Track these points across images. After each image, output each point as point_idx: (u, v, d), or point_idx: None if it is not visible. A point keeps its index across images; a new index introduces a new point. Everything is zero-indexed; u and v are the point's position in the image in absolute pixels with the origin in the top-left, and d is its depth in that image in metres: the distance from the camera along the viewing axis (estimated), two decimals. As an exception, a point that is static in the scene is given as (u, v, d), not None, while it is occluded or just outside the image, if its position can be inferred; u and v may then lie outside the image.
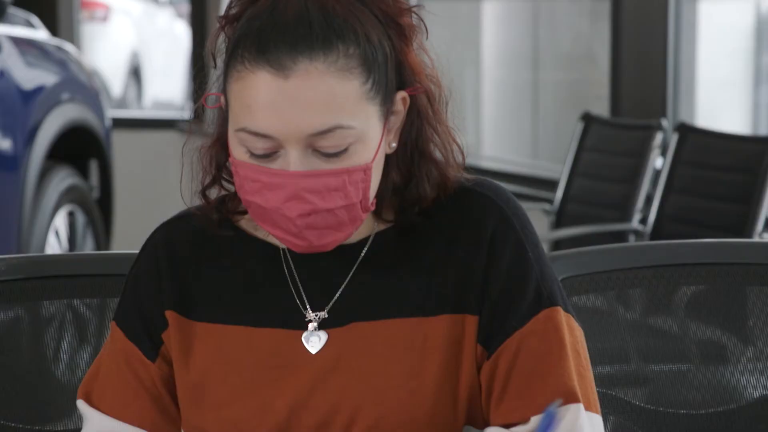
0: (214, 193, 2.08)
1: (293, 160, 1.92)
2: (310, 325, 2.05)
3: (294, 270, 2.07)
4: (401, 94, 1.99)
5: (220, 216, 2.07)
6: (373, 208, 1.99)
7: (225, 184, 2.07)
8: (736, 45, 6.79)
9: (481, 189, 2.07)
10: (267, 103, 1.91)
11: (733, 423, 2.42)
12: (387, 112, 1.97)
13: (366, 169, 1.95)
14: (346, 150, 1.93)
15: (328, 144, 1.92)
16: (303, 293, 2.06)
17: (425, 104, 2.02)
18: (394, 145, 2.00)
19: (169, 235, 2.11)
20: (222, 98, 1.99)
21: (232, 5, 2.00)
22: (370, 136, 1.95)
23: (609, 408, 2.34)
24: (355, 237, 2.04)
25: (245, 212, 2.05)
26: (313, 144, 1.92)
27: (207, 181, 2.07)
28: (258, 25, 1.93)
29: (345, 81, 1.92)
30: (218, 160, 2.05)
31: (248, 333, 2.05)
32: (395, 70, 1.99)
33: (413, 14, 2.01)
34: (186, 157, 2.06)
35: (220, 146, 2.05)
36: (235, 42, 1.94)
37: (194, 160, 2.07)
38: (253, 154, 1.93)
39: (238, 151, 1.95)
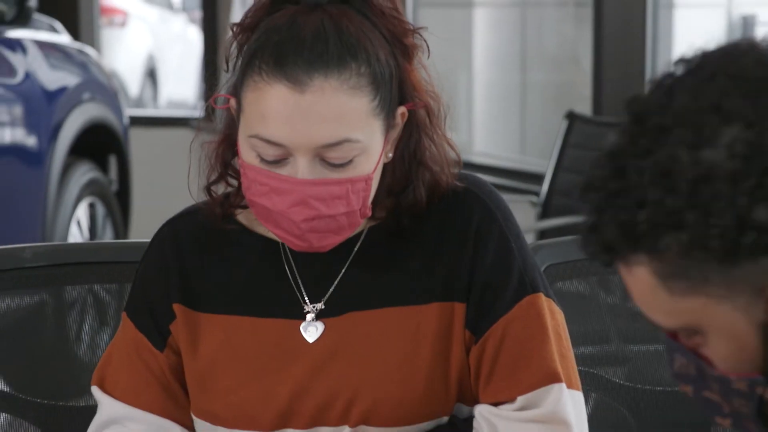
0: (219, 189, 2.08)
1: (302, 168, 1.92)
2: (308, 316, 2.05)
3: (293, 264, 2.07)
4: (401, 109, 2.00)
5: (223, 211, 2.07)
6: (369, 213, 1.99)
7: (229, 180, 2.08)
8: (708, 46, 6.78)
9: (467, 185, 2.07)
10: (282, 115, 1.91)
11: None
12: (389, 126, 1.98)
13: (367, 179, 1.96)
14: (351, 161, 1.93)
15: (335, 155, 1.92)
16: (301, 286, 2.06)
17: (424, 118, 2.03)
18: (390, 155, 2.01)
19: (175, 231, 2.11)
20: (232, 101, 1.99)
21: (248, 15, 2.00)
22: (373, 149, 1.96)
23: (590, 386, 2.34)
24: None
25: (246, 207, 2.05)
26: (321, 154, 1.92)
27: (213, 177, 2.07)
28: (277, 39, 1.93)
29: (355, 98, 1.92)
30: (224, 158, 2.05)
31: (251, 323, 2.05)
32: (397, 87, 1.99)
33: (416, 35, 2.02)
34: (194, 153, 2.07)
35: (226, 145, 2.05)
36: (252, 52, 1.94)
37: (202, 156, 2.07)
38: (263, 160, 1.93)
39: (248, 156, 1.95)
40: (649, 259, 1.32)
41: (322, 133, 1.91)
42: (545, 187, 5.95)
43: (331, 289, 2.05)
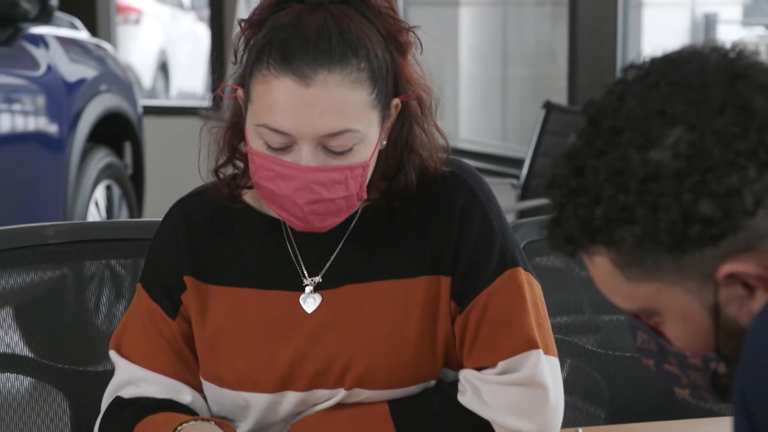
0: (226, 171, 2.09)
1: (305, 155, 1.92)
2: (307, 289, 2.05)
3: (293, 241, 2.07)
4: (395, 101, 2.00)
5: (230, 191, 2.07)
6: (365, 197, 2.00)
7: (236, 162, 2.08)
8: (674, 43, 6.77)
9: (453, 169, 2.07)
10: (288, 107, 1.91)
11: (670, 365, 2.43)
12: (384, 116, 1.98)
13: (365, 166, 1.96)
14: (351, 149, 1.94)
15: (336, 144, 1.92)
16: (301, 261, 2.06)
17: (416, 108, 2.03)
18: (384, 142, 2.01)
19: (185, 210, 2.11)
20: (240, 91, 1.99)
21: (255, 12, 2.00)
22: (370, 138, 1.96)
23: (566, 352, 2.34)
24: None
25: (251, 188, 2.05)
26: (323, 143, 1.92)
27: (221, 161, 2.07)
28: (283, 36, 1.93)
29: (356, 91, 1.92)
30: (232, 142, 2.06)
31: (255, 295, 2.05)
32: (393, 80, 1.99)
33: (410, 32, 2.02)
34: (203, 139, 2.07)
35: (234, 131, 2.05)
36: (260, 48, 1.94)
37: (210, 142, 2.07)
38: (269, 147, 1.93)
39: (256, 143, 1.95)
40: (606, 249, 1.34)
41: (324, 124, 1.91)
42: (524, 171, 5.94)
43: (328, 264, 2.06)
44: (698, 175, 1.28)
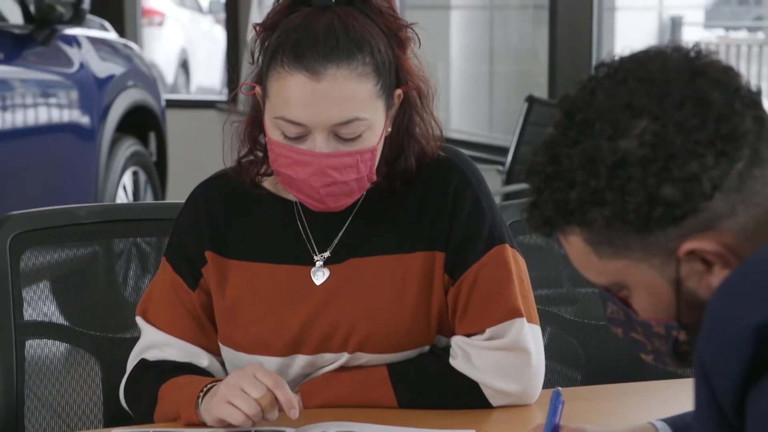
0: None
1: (319, 143, 1.92)
2: (317, 263, 2.05)
3: (304, 220, 2.07)
4: (398, 91, 2.00)
5: (251, 178, 2.08)
6: (375, 178, 2.00)
7: (256, 153, 2.08)
8: (643, 43, 6.77)
9: (447, 155, 2.08)
10: (302, 100, 1.91)
11: (640, 332, 2.43)
12: (389, 105, 1.99)
13: (373, 151, 1.96)
14: (360, 136, 1.94)
15: (347, 131, 1.93)
16: (311, 238, 2.06)
17: (415, 98, 2.04)
18: (389, 129, 2.01)
19: (207, 191, 2.11)
20: (258, 88, 1.99)
21: (269, 16, 2.01)
22: (377, 125, 1.96)
23: (546, 321, 2.34)
24: None
25: (269, 174, 2.05)
26: (335, 131, 1.93)
27: (243, 151, 2.07)
28: (295, 37, 1.93)
29: (362, 83, 1.93)
30: (252, 135, 2.06)
31: (270, 269, 2.05)
32: (395, 73, 1.99)
33: (409, 29, 2.02)
34: (226, 132, 2.08)
35: (254, 125, 2.05)
36: (274, 48, 1.95)
37: (233, 133, 2.07)
38: (286, 136, 1.94)
39: (274, 134, 1.95)
40: (580, 229, 1.34)
41: (335, 114, 1.92)
42: (509, 158, 5.94)
43: (335, 241, 2.06)
44: (661, 162, 1.28)
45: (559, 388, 1.58)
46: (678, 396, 2.14)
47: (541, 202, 1.36)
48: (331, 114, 1.92)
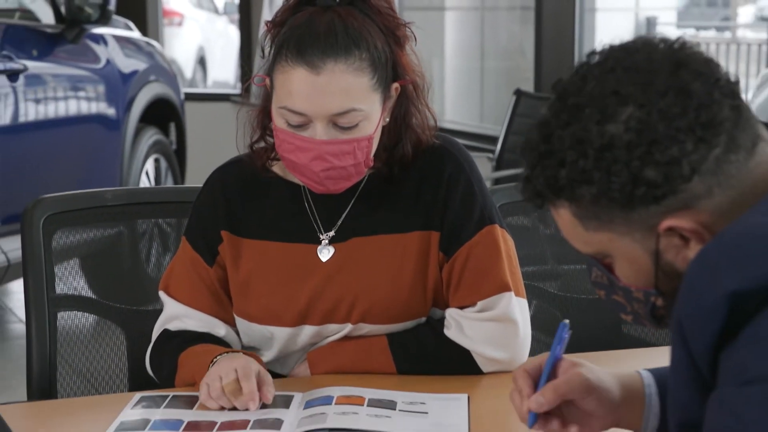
0: (259, 146, 2.09)
1: (319, 131, 1.92)
2: (323, 242, 2.05)
3: (311, 203, 2.07)
4: (395, 85, 2.00)
5: (262, 163, 2.08)
6: (371, 164, 2.00)
7: (267, 139, 2.08)
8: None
9: (442, 142, 2.08)
10: (303, 91, 1.91)
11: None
12: (385, 97, 1.98)
13: (369, 139, 1.96)
14: (357, 125, 1.94)
15: (344, 121, 1.93)
16: (318, 219, 2.06)
17: (411, 91, 2.04)
18: (387, 119, 2.01)
19: (223, 176, 2.11)
20: (267, 80, 2.00)
21: (278, 15, 2.01)
22: (373, 115, 1.96)
23: (532, 295, 2.34)
24: None
25: (278, 159, 2.06)
26: (333, 120, 1.92)
27: (255, 137, 2.07)
28: (298, 34, 1.93)
29: (358, 77, 1.92)
30: (263, 122, 2.06)
31: (280, 247, 2.05)
32: (392, 68, 1.99)
33: (407, 28, 2.01)
34: (240, 120, 2.08)
35: (264, 113, 2.05)
36: (280, 44, 1.95)
37: (246, 122, 2.07)
38: (290, 125, 1.94)
39: (279, 122, 1.96)
40: (568, 204, 1.35)
41: (333, 105, 1.91)
42: (499, 146, 5.95)
43: (339, 221, 2.06)
44: (645, 147, 1.28)
45: (567, 321, 1.57)
46: (649, 362, 2.14)
47: (533, 177, 1.36)
48: (330, 105, 1.92)
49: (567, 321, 1.58)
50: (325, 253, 2.05)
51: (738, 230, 1.25)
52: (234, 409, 1.83)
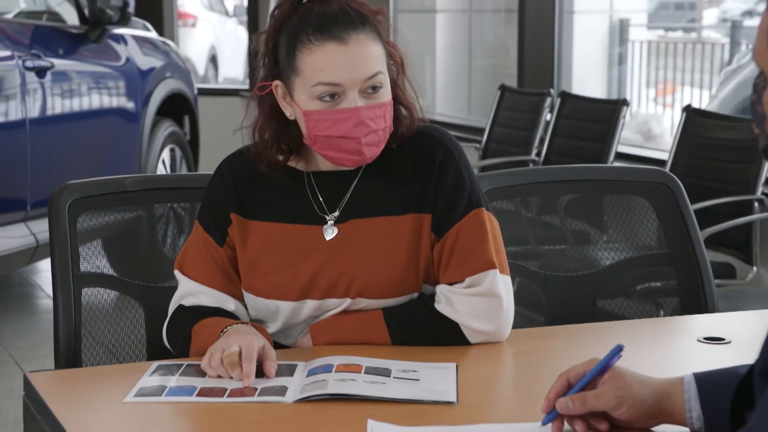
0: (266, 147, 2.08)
1: (355, 99, 1.94)
2: (328, 222, 2.05)
3: (315, 187, 2.06)
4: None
5: (267, 159, 2.06)
6: (392, 129, 2.01)
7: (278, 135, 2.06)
8: (597, 42, 6.77)
9: (433, 133, 2.07)
10: (336, 63, 1.93)
11: (592, 280, 2.43)
12: (388, 67, 2.01)
13: (390, 104, 1.99)
14: (380, 90, 1.96)
15: (372, 84, 1.95)
16: (322, 202, 2.06)
17: (399, 68, 2.05)
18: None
19: (231, 164, 2.10)
20: (277, 83, 1.99)
21: (273, 22, 2.01)
22: (387, 82, 1.99)
23: (516, 273, 2.34)
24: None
25: (282, 156, 2.04)
26: (363, 87, 1.94)
27: (267, 136, 2.05)
28: (314, 19, 1.95)
29: (376, 44, 1.96)
30: (272, 125, 2.04)
31: (284, 227, 2.05)
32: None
33: (381, 15, 2.02)
34: (249, 114, 2.07)
35: (272, 117, 2.04)
36: (295, 33, 1.95)
37: (252, 121, 2.06)
38: (322, 101, 1.94)
39: (311, 105, 1.95)
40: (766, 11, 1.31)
41: (365, 69, 1.94)
42: (485, 137, 5.95)
43: (342, 204, 2.05)
44: None
45: (623, 345, 1.54)
46: (622, 334, 2.14)
47: None
48: (362, 70, 1.94)
49: (623, 345, 1.55)
50: (330, 233, 2.04)
51: None
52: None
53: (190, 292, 2.06)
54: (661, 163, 4.72)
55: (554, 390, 1.56)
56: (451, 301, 2.01)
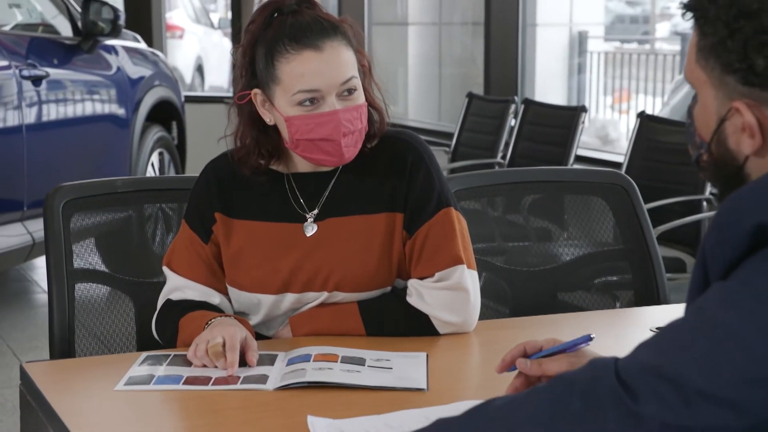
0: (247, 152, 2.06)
1: (333, 102, 1.93)
2: (309, 220, 2.04)
3: (295, 187, 2.06)
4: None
5: (249, 165, 2.04)
6: (367, 128, 2.00)
7: (260, 150, 2.04)
8: (557, 53, 6.79)
9: (405, 137, 2.07)
10: (313, 69, 1.92)
11: (554, 274, 2.44)
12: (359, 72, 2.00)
13: (364, 105, 1.99)
14: (355, 93, 1.96)
15: (347, 88, 1.94)
16: (302, 201, 2.05)
17: (368, 74, 2.04)
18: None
19: (215, 167, 2.09)
20: (256, 92, 1.97)
21: (248, 36, 1.99)
22: (359, 85, 1.98)
23: (482, 268, 2.34)
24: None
25: (262, 160, 2.03)
26: (339, 90, 1.93)
27: (247, 141, 2.03)
28: (288, 30, 1.93)
29: (348, 50, 1.95)
30: (252, 133, 2.03)
31: (266, 225, 2.04)
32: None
33: (346, 23, 2.00)
34: (231, 122, 2.06)
35: (252, 125, 2.03)
36: (272, 45, 1.94)
37: (236, 140, 2.05)
38: (303, 108, 1.93)
39: (292, 111, 1.94)
40: (699, 32, 1.29)
41: (340, 74, 1.93)
42: (454, 141, 5.95)
43: (320, 203, 2.05)
44: None
45: (593, 336, 1.55)
46: (581, 324, 2.15)
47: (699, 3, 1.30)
48: (337, 75, 1.93)
49: (593, 336, 1.55)
50: (309, 230, 2.04)
51: (764, 182, 1.20)
52: None
53: (177, 287, 2.06)
54: (617, 165, 4.73)
55: (511, 354, 1.58)
56: (422, 294, 2.01)
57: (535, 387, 1.23)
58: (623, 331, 2.16)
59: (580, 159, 5.37)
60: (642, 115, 4.59)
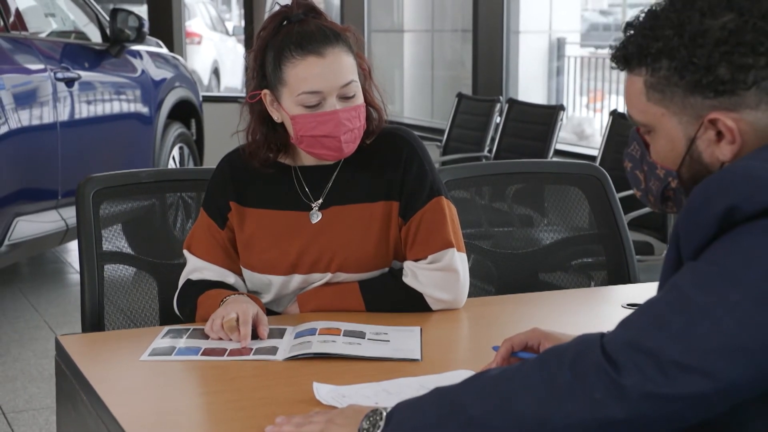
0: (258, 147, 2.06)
1: (333, 103, 1.92)
2: (314, 208, 2.04)
3: (301, 178, 2.05)
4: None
5: (259, 158, 2.04)
6: (365, 127, 1.99)
7: (268, 136, 2.04)
8: (538, 57, 6.78)
9: (401, 133, 2.06)
10: (316, 73, 1.91)
11: (535, 257, 2.44)
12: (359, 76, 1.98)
13: (363, 106, 1.97)
14: (354, 95, 1.95)
15: (347, 91, 1.93)
16: (307, 191, 2.05)
17: (368, 77, 2.02)
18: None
19: (230, 160, 2.09)
20: (266, 92, 1.96)
21: (259, 41, 1.98)
22: (359, 88, 1.96)
23: (471, 251, 2.34)
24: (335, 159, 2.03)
25: (272, 155, 2.02)
26: (340, 93, 1.92)
27: (258, 136, 2.03)
28: (294, 38, 1.92)
29: (348, 56, 1.93)
30: (262, 129, 2.02)
31: (277, 213, 2.04)
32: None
33: (349, 31, 1.99)
34: (243, 120, 2.06)
35: (262, 122, 2.02)
36: (280, 51, 1.93)
37: (247, 135, 2.04)
38: (306, 107, 1.92)
39: (296, 110, 1.93)
40: (645, 71, 1.26)
41: (340, 78, 1.92)
42: (445, 136, 5.94)
43: (325, 192, 2.04)
44: (729, 47, 1.21)
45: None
46: (560, 302, 2.15)
47: (629, 43, 1.27)
48: (338, 78, 1.91)
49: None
50: (315, 218, 2.03)
51: (733, 170, 1.19)
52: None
53: (196, 268, 2.05)
54: (592, 158, 4.73)
55: (500, 355, 1.54)
56: (416, 275, 2.01)
57: (527, 359, 1.23)
58: (597, 307, 2.16)
59: (558, 153, 5.37)
60: (614, 113, 4.59)
